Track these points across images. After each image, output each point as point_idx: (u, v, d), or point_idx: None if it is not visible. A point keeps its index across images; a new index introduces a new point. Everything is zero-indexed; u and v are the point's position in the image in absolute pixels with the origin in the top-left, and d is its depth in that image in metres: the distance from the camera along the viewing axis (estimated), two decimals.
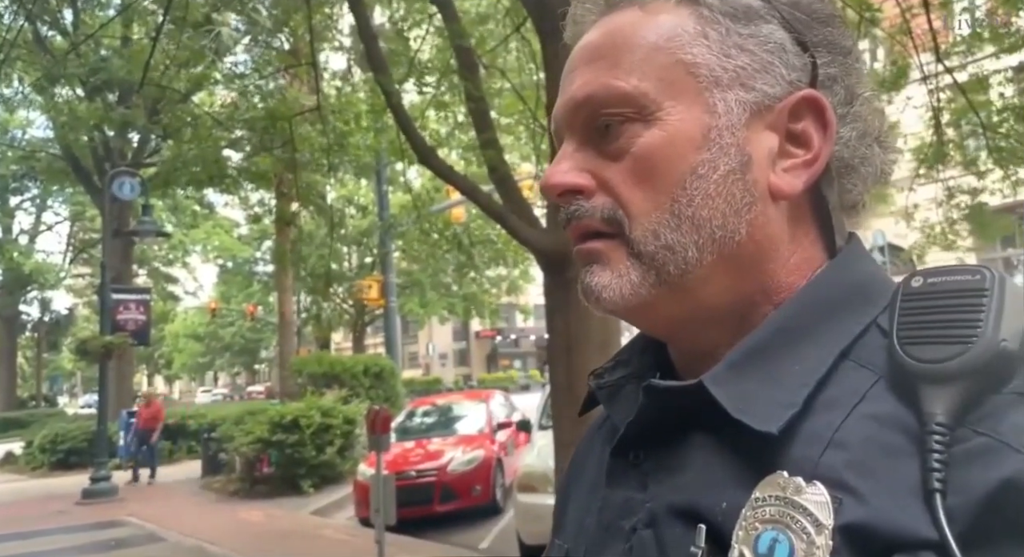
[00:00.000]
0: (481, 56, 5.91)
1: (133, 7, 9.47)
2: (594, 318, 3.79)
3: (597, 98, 0.49)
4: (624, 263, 0.49)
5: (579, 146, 0.51)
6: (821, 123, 0.49)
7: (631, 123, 0.48)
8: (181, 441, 15.80)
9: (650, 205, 0.48)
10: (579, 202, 0.50)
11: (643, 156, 0.48)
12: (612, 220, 0.49)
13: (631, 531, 0.48)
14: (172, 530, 8.44)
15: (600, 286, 0.49)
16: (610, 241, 0.50)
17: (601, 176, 0.50)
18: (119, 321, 12.65)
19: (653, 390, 0.48)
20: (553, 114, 0.54)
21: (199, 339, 47.67)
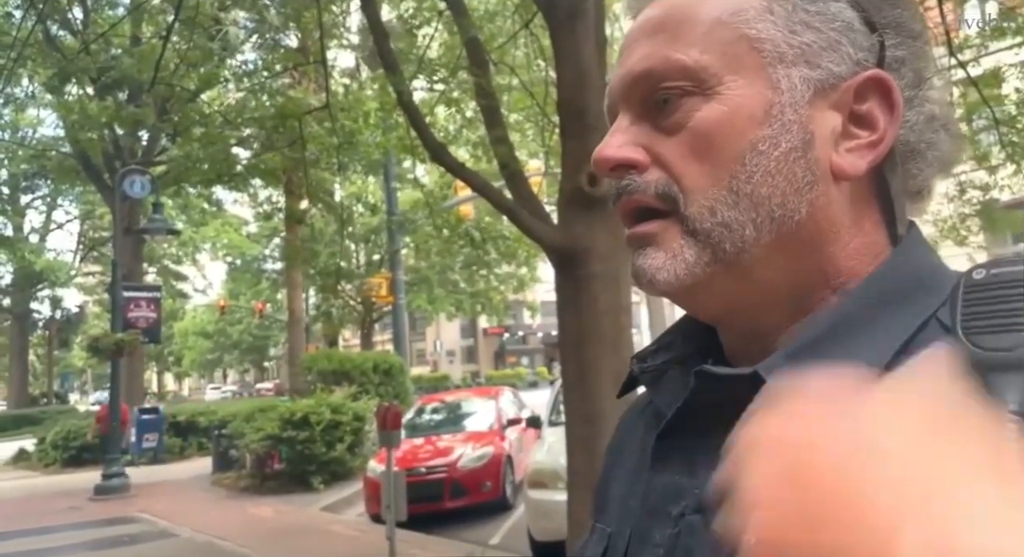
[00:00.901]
0: (490, 53, 5.91)
1: (143, 7, 9.49)
2: (605, 314, 3.79)
3: (656, 71, 0.49)
4: (678, 241, 0.48)
5: (634, 120, 0.50)
6: (887, 104, 0.48)
7: (690, 97, 0.48)
8: (192, 438, 15.91)
9: (707, 181, 0.47)
10: (632, 177, 0.49)
11: (701, 130, 0.47)
12: (666, 196, 0.48)
13: (679, 516, 0.47)
14: (184, 526, 8.50)
15: (654, 268, 0.48)
16: (663, 221, 0.49)
17: (655, 151, 0.49)
18: (130, 319, 12.72)
19: (705, 375, 0.47)
20: (608, 88, 0.53)
21: (208, 336, 47.95)
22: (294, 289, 19.33)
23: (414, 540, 6.90)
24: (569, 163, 4.00)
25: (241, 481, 11.32)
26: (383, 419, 6.64)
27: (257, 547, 7.19)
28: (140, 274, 18.49)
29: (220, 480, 11.88)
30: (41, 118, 25.06)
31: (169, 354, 50.67)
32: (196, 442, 15.77)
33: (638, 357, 0.58)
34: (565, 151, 4.12)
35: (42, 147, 22.77)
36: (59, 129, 20.49)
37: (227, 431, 12.41)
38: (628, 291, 4.05)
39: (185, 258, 35.33)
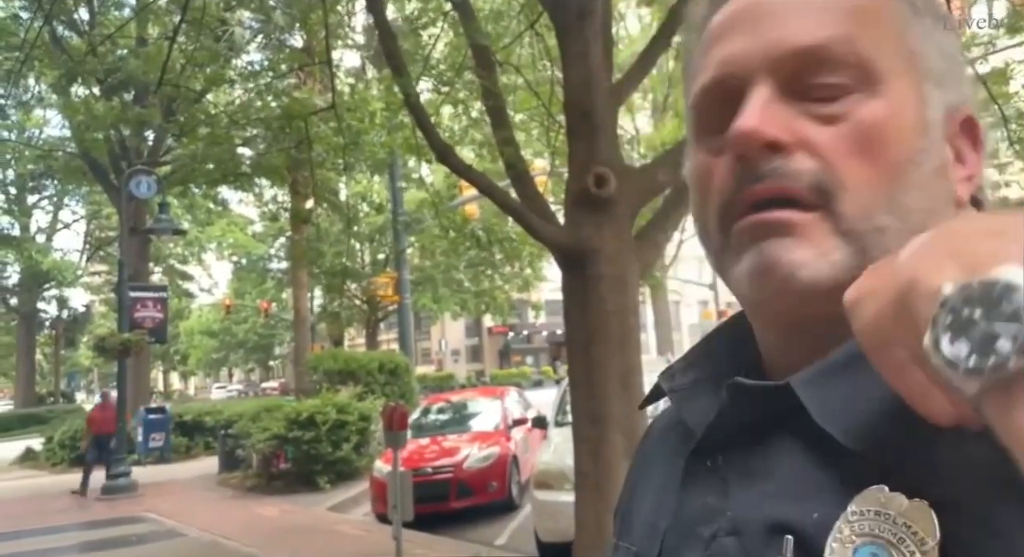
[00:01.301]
0: (495, 53, 5.90)
1: (149, 7, 9.52)
2: (613, 315, 3.79)
3: (829, 52, 0.45)
4: (830, 241, 0.44)
5: (776, 96, 0.46)
6: (974, 142, 0.48)
7: (853, 91, 0.45)
8: (198, 437, 15.96)
9: (867, 180, 0.44)
10: (780, 160, 0.45)
11: (869, 125, 0.44)
12: (820, 189, 0.44)
13: (711, 538, 0.46)
14: (191, 526, 8.53)
15: (797, 263, 0.44)
16: (808, 213, 0.44)
17: (804, 136, 0.45)
18: (137, 318, 12.77)
19: (738, 389, 0.45)
20: (730, 56, 0.48)
21: (214, 335, 48.09)
22: (300, 289, 19.37)
23: (420, 540, 6.91)
24: (576, 164, 4.00)
25: (247, 481, 11.35)
26: (389, 419, 6.65)
27: (264, 547, 7.21)
28: (146, 274, 18.54)
29: (226, 480, 11.92)
30: (47, 118, 25.17)
31: (175, 353, 50.82)
32: (202, 441, 15.81)
33: (668, 373, 0.57)
34: (572, 152, 4.12)
35: (48, 147, 22.86)
36: (65, 129, 20.57)
37: (233, 431, 12.44)
38: (635, 292, 4.04)
39: (191, 258, 35.44)
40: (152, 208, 15.51)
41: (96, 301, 42.08)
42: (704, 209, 0.51)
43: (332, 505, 9.51)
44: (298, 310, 19.24)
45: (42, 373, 41.50)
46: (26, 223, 31.32)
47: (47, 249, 31.26)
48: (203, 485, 11.86)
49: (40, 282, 31.43)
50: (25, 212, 31.15)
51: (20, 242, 29.54)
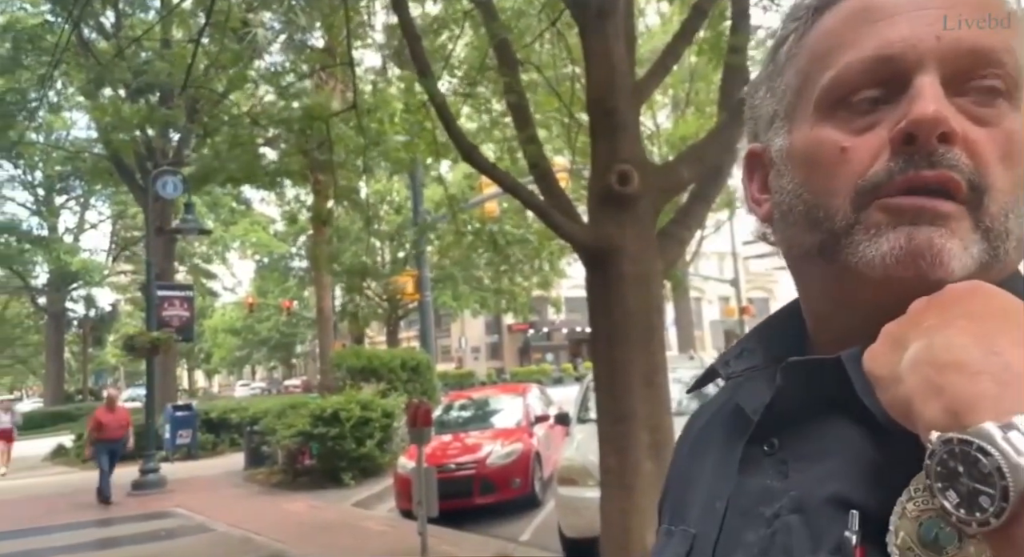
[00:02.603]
0: (517, 52, 5.92)
1: (174, 11, 9.66)
2: (636, 314, 3.80)
3: (998, 57, 0.47)
4: (970, 235, 0.46)
5: (943, 90, 0.47)
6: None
7: (1004, 97, 0.47)
8: (224, 434, 16.18)
9: (1008, 184, 0.47)
10: (952, 151, 0.46)
11: (1014, 136, 0.47)
12: (976, 185, 0.46)
13: (773, 517, 0.48)
14: (219, 521, 8.67)
15: (950, 252, 0.45)
16: (960, 207, 0.46)
17: (965, 133, 0.46)
18: (164, 317, 12.97)
19: (792, 367, 0.48)
20: (904, 38, 0.48)
21: (237, 333, 48.59)
22: (322, 287, 19.53)
23: (445, 536, 6.97)
24: (599, 162, 4.01)
25: (273, 477, 11.50)
26: (414, 416, 6.71)
27: (292, 542, 7.31)
28: (172, 273, 18.81)
29: (253, 476, 12.09)
30: (74, 120, 25.60)
31: (199, 351, 51.47)
32: (228, 438, 16.03)
33: (723, 360, 0.59)
34: (595, 150, 4.13)
35: (76, 149, 23.25)
36: (92, 131, 20.94)
37: (259, 427, 12.61)
38: (659, 291, 4.05)
39: (215, 257, 35.90)
40: (177, 208, 15.74)
41: (122, 300, 42.75)
42: (827, 184, 0.50)
43: (357, 501, 9.61)
44: (321, 309, 19.40)
45: (70, 371, 42.24)
46: (54, 224, 31.89)
47: (75, 249, 31.82)
48: (230, 481, 12.03)
49: (68, 282, 32.01)
50: (53, 213, 31.72)
51: (49, 242, 30.09)
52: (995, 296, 0.41)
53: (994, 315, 0.39)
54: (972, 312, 0.39)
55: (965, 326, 0.38)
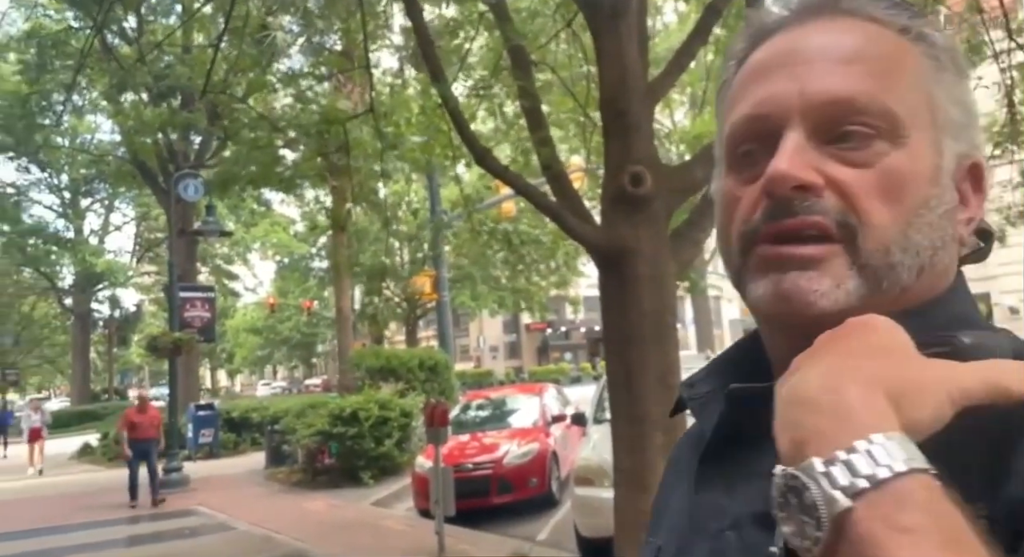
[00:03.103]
0: (531, 53, 5.94)
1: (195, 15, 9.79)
2: (650, 315, 3.80)
3: (859, 104, 0.49)
4: (845, 272, 0.49)
5: (808, 140, 0.50)
6: (978, 188, 0.54)
7: (879, 139, 0.50)
8: (245, 433, 16.38)
9: (888, 221, 0.49)
10: (812, 199, 0.50)
11: (893, 173, 0.49)
12: (845, 224, 0.49)
13: (718, 532, 0.52)
14: (241, 519, 8.79)
15: (817, 293, 0.49)
16: (831, 246, 0.50)
17: (833, 177, 0.50)
18: (186, 318, 13.17)
19: (732, 395, 0.52)
20: (770, 97, 0.52)
21: (258, 333, 49.09)
22: (342, 288, 19.67)
23: (462, 535, 7.01)
24: (611, 163, 4.01)
25: (294, 476, 11.63)
26: (431, 416, 6.76)
27: (311, 541, 7.39)
28: (194, 274, 19.07)
29: (273, 474, 12.22)
30: (98, 124, 26.01)
31: (221, 351, 52.07)
32: (249, 437, 16.22)
33: (688, 383, 0.62)
34: (608, 151, 4.13)
35: (100, 152, 23.62)
36: (115, 134, 21.27)
37: (279, 427, 12.75)
38: (673, 292, 4.04)
39: (236, 258, 36.30)
40: (199, 210, 15.94)
41: (146, 301, 43.36)
42: (727, 230, 0.55)
43: (376, 500, 9.68)
44: (340, 309, 19.54)
45: (96, 371, 42.92)
46: (80, 226, 32.45)
47: (100, 251, 32.34)
48: (251, 480, 12.18)
49: (93, 283, 32.55)
50: (79, 215, 32.28)
51: (75, 244, 30.62)
52: (873, 332, 0.42)
53: (858, 352, 0.41)
54: (842, 348, 0.42)
55: (828, 362, 0.41)
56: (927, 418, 0.39)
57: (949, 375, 0.40)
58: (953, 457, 0.40)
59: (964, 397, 0.39)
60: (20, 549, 8.02)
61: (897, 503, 0.35)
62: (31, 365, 43.46)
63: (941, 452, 0.40)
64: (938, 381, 0.39)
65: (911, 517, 0.34)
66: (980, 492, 0.40)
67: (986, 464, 0.41)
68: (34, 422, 16.39)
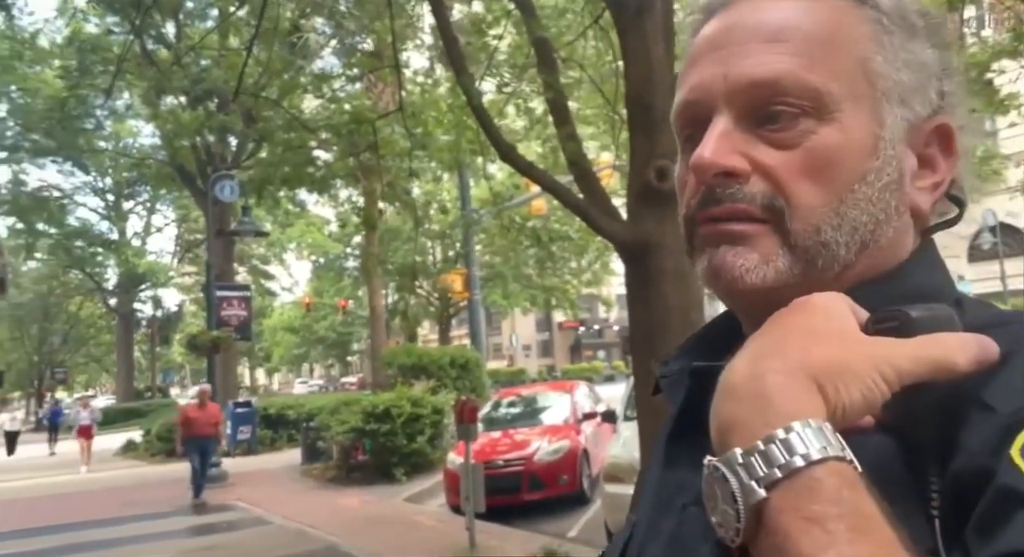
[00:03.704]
0: (559, 50, 5.94)
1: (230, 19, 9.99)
2: (675, 310, 3.78)
3: (781, 85, 0.49)
4: (776, 251, 0.49)
5: (735, 125, 0.50)
6: (947, 150, 0.52)
7: (806, 116, 0.49)
8: (282, 430, 16.65)
9: (817, 201, 0.49)
10: (736, 185, 0.50)
11: (819, 152, 0.48)
12: (771, 208, 0.49)
13: (682, 508, 0.52)
14: (277, 514, 8.95)
15: (744, 268, 0.49)
16: (761, 226, 0.50)
17: (759, 161, 0.49)
18: (224, 317, 13.45)
19: (696, 372, 0.53)
20: (699, 85, 0.52)
21: (295, 332, 49.89)
22: (375, 287, 19.90)
23: (493, 531, 7.04)
24: (637, 158, 4.00)
25: (328, 472, 11.80)
26: (460, 413, 6.81)
27: (346, 536, 7.50)
28: (231, 274, 19.45)
29: (309, 471, 12.42)
30: (139, 128, 26.67)
31: (259, 350, 53.05)
32: (286, 434, 16.47)
33: (662, 361, 0.62)
34: (633, 147, 4.12)
35: (141, 156, 24.23)
36: (155, 138, 21.79)
37: (314, 424, 12.95)
38: (699, 286, 4.00)
39: (273, 258, 36.94)
40: (236, 211, 16.25)
41: (186, 300, 44.39)
42: (680, 209, 0.56)
43: (408, 496, 9.78)
44: (374, 307, 19.78)
45: (140, 369, 44.05)
46: (123, 228, 33.35)
47: (142, 252, 33.21)
48: (287, 476, 12.39)
49: (136, 283, 33.46)
50: (122, 217, 33.18)
51: (118, 246, 31.47)
52: (812, 311, 0.42)
53: (794, 333, 0.41)
54: (779, 331, 0.41)
55: (756, 347, 0.41)
56: (857, 401, 0.38)
57: (882, 354, 0.39)
58: (903, 436, 0.40)
59: (898, 377, 0.38)
60: (59, 543, 8.28)
61: (808, 492, 0.35)
62: (78, 363, 44.89)
63: (891, 432, 0.40)
64: (869, 361, 0.39)
65: (820, 506, 0.34)
66: (931, 468, 0.40)
67: (935, 440, 0.41)
68: (83, 419, 16.48)
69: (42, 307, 36.48)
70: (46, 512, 10.43)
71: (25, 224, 26.79)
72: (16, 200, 24.90)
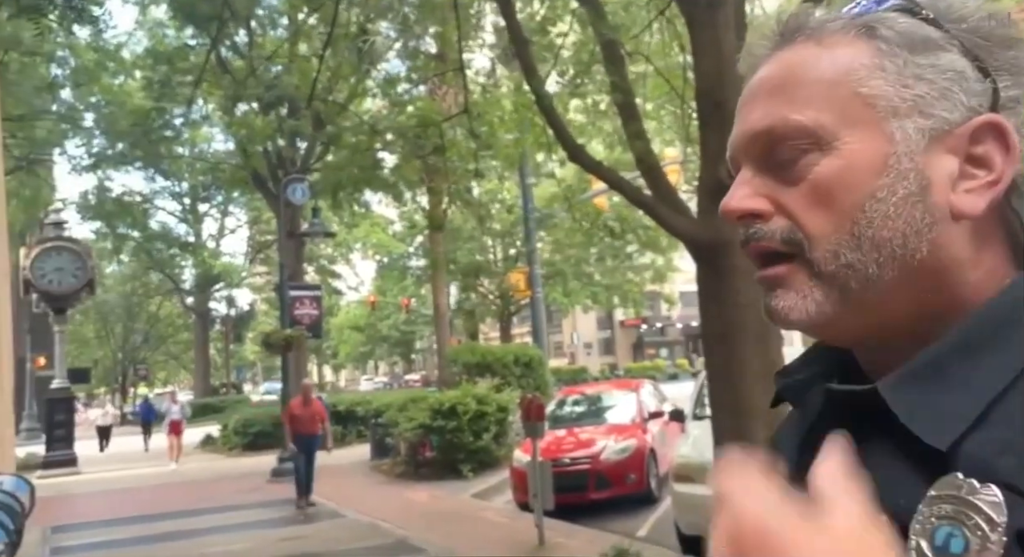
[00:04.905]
0: (624, 43, 5.91)
1: (300, 27, 10.31)
2: (749, 307, 3.72)
3: (776, 131, 0.53)
4: (807, 284, 0.53)
5: (756, 172, 0.55)
6: (1004, 145, 0.52)
7: (808, 152, 0.52)
8: (351, 426, 17.07)
9: (830, 227, 0.52)
10: (758, 225, 0.54)
11: (820, 182, 0.52)
12: (791, 241, 0.53)
13: None
14: (349, 508, 9.20)
15: (787, 308, 0.53)
16: (790, 263, 0.53)
17: (778, 200, 0.54)
18: (296, 316, 13.86)
19: (831, 394, 0.53)
20: (731, 142, 0.58)
21: (360, 331, 51.07)
22: (439, 286, 20.16)
23: (562, 529, 7.06)
24: (709, 155, 3.96)
25: (397, 467, 12.04)
26: (527, 410, 6.85)
27: (416, 530, 7.65)
28: (301, 274, 20.01)
29: (378, 466, 12.70)
30: (212, 133, 27.74)
31: (327, 348, 54.51)
32: (355, 430, 16.88)
33: (783, 372, 0.63)
34: (704, 142, 4.08)
35: (215, 160, 25.20)
36: (229, 143, 22.63)
37: (383, 420, 13.23)
38: None
39: (339, 258, 37.89)
40: (306, 212, 16.74)
41: (258, 300, 45.98)
42: None
43: (475, 492, 9.89)
44: (438, 306, 20.04)
45: (215, 366, 45.88)
46: (199, 230, 34.80)
47: (217, 253, 34.56)
48: (357, 471, 12.70)
49: (211, 283, 34.86)
50: (198, 220, 34.64)
51: (195, 248, 32.85)
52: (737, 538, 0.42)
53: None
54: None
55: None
56: None
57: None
58: None
59: None
60: (144, 533, 8.71)
61: None
62: (158, 361, 47.09)
63: None
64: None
65: None
66: None
67: None
68: (173, 414, 16.38)
69: (125, 307, 38.44)
70: (133, 503, 11.03)
71: (110, 228, 28.23)
72: (102, 205, 26.24)
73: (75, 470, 15.39)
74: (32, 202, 21.24)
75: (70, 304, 17.12)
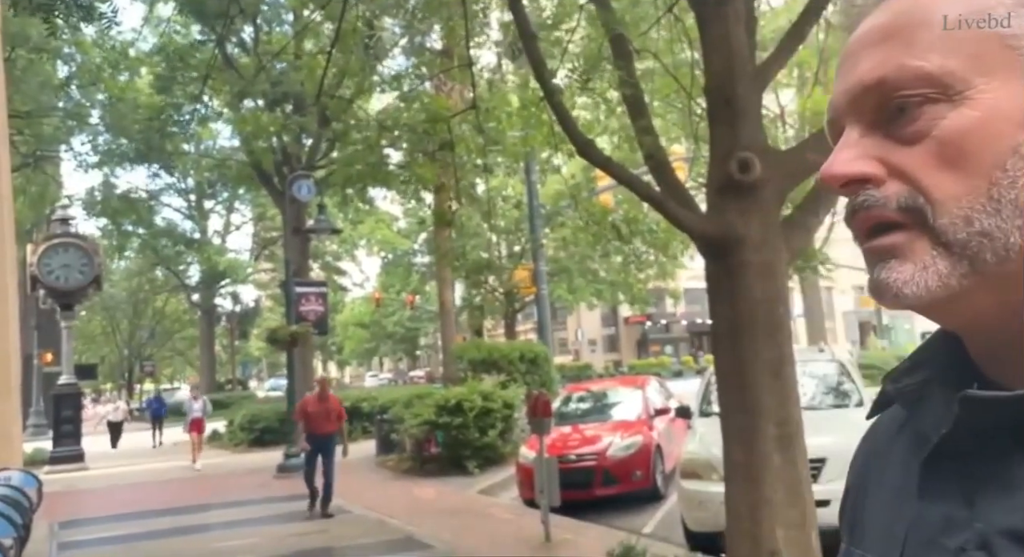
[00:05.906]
0: (632, 40, 5.88)
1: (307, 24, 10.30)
2: (760, 304, 3.70)
3: (890, 80, 0.47)
4: (928, 253, 0.46)
5: (863, 132, 0.49)
6: None
7: (932, 104, 0.46)
8: (356, 422, 17.09)
9: (961, 189, 0.45)
10: (869, 192, 0.48)
11: (950, 138, 0.45)
12: (911, 208, 0.46)
13: (959, 551, 0.46)
14: (355, 503, 9.22)
15: (900, 281, 0.46)
16: (908, 232, 0.47)
17: (892, 162, 0.47)
18: (302, 312, 13.89)
19: (970, 401, 0.45)
20: (830, 103, 0.51)
21: (365, 327, 51.17)
22: (444, 282, 20.16)
23: (568, 525, 7.07)
24: (718, 150, 3.93)
25: (403, 464, 12.07)
26: (533, 407, 6.86)
27: (423, 526, 7.67)
28: (307, 270, 20.03)
29: (384, 462, 12.74)
30: (218, 130, 27.75)
31: (331, 344, 54.63)
32: (360, 426, 16.92)
33: (891, 376, 0.56)
34: (714, 138, 4.05)
35: (221, 157, 25.22)
36: (235, 139, 22.64)
37: (388, 416, 13.25)
38: (784, 281, 3.92)
39: (344, 254, 37.95)
40: (311, 209, 16.76)
41: (263, 296, 46.09)
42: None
43: (481, 489, 9.91)
44: (443, 302, 20.05)
45: (220, 362, 46.02)
46: (204, 227, 34.86)
47: (222, 250, 34.62)
48: (363, 466, 12.72)
49: (217, 279, 34.92)
50: (203, 216, 34.71)
51: (200, 244, 32.92)
52: None
53: None
54: None
55: None
56: None
57: None
58: None
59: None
60: (151, 528, 8.75)
61: None
62: (164, 357, 47.26)
63: None
64: None
65: None
66: None
67: None
68: (195, 412, 15.20)
69: (131, 303, 38.58)
70: (140, 499, 11.07)
71: (115, 225, 28.29)
72: (108, 202, 26.29)
73: (82, 466, 15.46)
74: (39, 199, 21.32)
75: (77, 300, 17.17)
